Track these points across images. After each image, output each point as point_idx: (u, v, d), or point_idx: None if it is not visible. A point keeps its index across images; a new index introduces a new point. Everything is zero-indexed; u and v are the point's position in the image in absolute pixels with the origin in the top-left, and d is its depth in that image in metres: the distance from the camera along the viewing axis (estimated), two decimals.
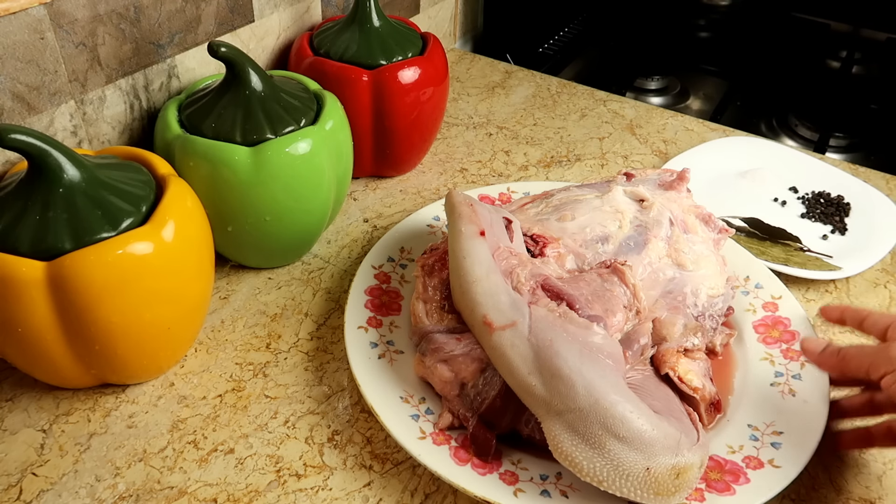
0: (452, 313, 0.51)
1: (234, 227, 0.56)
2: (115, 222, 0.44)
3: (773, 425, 0.48)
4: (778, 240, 0.68)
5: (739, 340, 0.55)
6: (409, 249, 0.62)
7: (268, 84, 0.55)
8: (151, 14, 0.58)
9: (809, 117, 1.04)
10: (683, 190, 0.59)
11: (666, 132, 0.85)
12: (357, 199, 0.72)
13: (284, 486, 0.46)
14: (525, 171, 0.78)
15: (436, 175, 0.76)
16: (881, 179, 0.78)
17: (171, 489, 0.46)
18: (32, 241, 0.43)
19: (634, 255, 0.53)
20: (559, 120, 0.87)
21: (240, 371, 0.54)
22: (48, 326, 0.43)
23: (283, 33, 0.73)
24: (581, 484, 0.45)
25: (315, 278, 0.63)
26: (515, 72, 0.97)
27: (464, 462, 0.45)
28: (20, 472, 0.46)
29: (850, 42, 1.15)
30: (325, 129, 0.56)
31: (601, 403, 0.41)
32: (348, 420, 0.50)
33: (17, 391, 0.51)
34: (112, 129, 0.59)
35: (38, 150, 0.42)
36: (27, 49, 0.50)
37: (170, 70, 0.62)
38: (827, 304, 0.53)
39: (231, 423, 0.50)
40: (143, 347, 0.48)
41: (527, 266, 0.50)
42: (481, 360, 0.47)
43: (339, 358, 0.55)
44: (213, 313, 0.58)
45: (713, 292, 0.53)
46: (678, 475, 0.41)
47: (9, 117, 0.51)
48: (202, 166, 0.53)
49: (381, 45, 0.67)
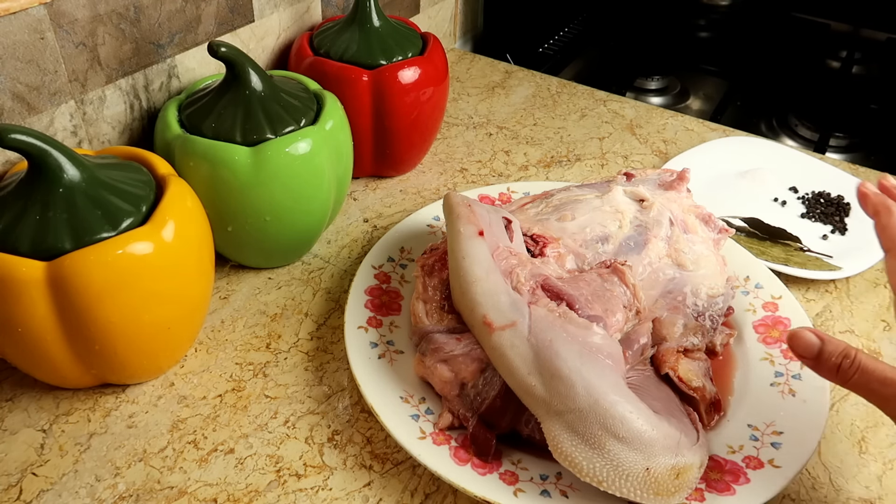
0: (452, 313, 0.51)
1: (234, 227, 0.56)
2: (115, 222, 0.44)
3: (773, 425, 0.48)
4: (778, 240, 0.68)
5: (739, 340, 0.55)
6: (409, 249, 0.62)
7: (268, 84, 0.55)
8: (151, 14, 0.58)
9: (809, 117, 1.04)
10: (683, 190, 0.59)
11: (666, 132, 0.85)
12: (357, 199, 0.72)
13: (284, 486, 0.46)
14: (525, 171, 0.78)
15: (436, 175, 0.76)
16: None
17: (171, 489, 0.46)
18: (32, 241, 0.43)
19: (634, 255, 0.53)
20: (559, 120, 0.87)
21: (240, 371, 0.54)
22: (48, 326, 0.43)
23: (283, 33, 0.73)
24: (581, 484, 0.45)
25: (315, 278, 0.63)
26: (515, 72, 0.97)
27: (464, 462, 0.45)
28: (20, 472, 0.46)
29: (850, 42, 1.15)
30: (325, 129, 0.56)
31: (601, 404, 0.41)
32: (348, 420, 0.50)
33: (17, 391, 0.51)
34: (112, 129, 0.59)
35: (38, 150, 0.42)
36: (27, 49, 0.50)
37: (170, 70, 0.62)
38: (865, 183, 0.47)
39: (231, 423, 0.50)
40: (142, 347, 0.48)
41: (526, 266, 0.50)
42: (481, 360, 0.47)
43: (339, 358, 0.55)
44: (213, 313, 0.58)
45: (713, 292, 0.54)
46: (678, 475, 0.41)
47: (9, 117, 0.51)
48: (202, 166, 0.53)
49: (381, 45, 0.67)
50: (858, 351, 0.38)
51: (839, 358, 0.38)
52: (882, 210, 0.45)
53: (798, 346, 0.39)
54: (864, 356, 0.38)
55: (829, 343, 0.38)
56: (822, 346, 0.38)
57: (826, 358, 0.38)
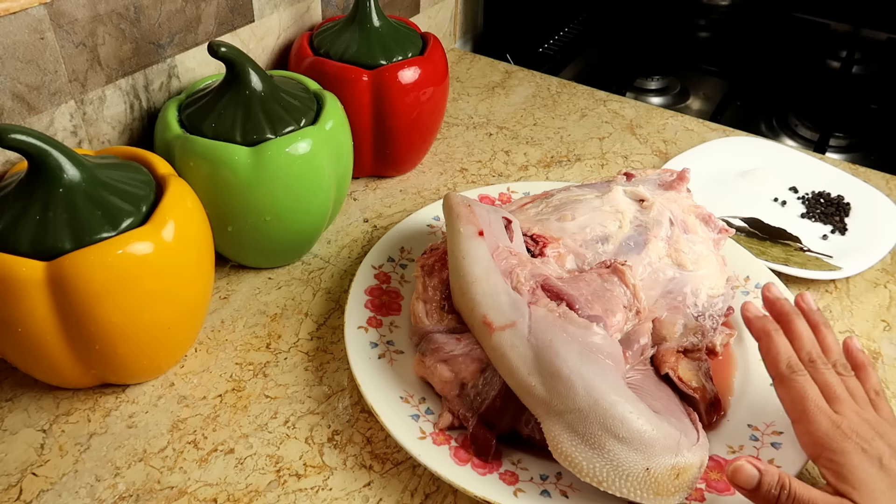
0: (452, 313, 0.51)
1: (234, 227, 0.56)
2: (115, 222, 0.44)
3: (773, 425, 0.48)
4: (778, 240, 0.68)
5: (739, 340, 0.55)
6: (409, 249, 0.62)
7: (268, 84, 0.55)
8: (151, 14, 0.58)
9: (809, 117, 1.04)
10: (683, 190, 0.59)
11: (666, 132, 0.85)
12: (357, 199, 0.72)
13: (284, 486, 0.46)
14: (525, 171, 0.78)
15: (436, 175, 0.76)
16: (881, 179, 0.78)
17: (171, 489, 0.46)
18: (32, 241, 0.43)
19: (634, 255, 0.53)
20: (559, 120, 0.87)
21: (240, 371, 0.54)
22: (48, 326, 0.43)
23: (283, 33, 0.73)
24: (581, 484, 0.45)
25: (315, 278, 0.63)
26: (515, 72, 0.97)
27: (464, 462, 0.45)
28: (20, 472, 0.46)
29: (850, 42, 1.15)
30: (325, 129, 0.56)
31: (601, 404, 0.41)
32: (348, 420, 0.50)
33: (17, 391, 0.51)
34: (112, 129, 0.59)
35: (38, 150, 0.42)
36: (27, 49, 0.50)
37: (170, 70, 0.62)
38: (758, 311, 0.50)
39: (231, 423, 0.50)
40: (142, 347, 0.48)
41: (526, 266, 0.50)
42: (481, 360, 0.47)
43: (339, 358, 0.55)
44: (213, 313, 0.58)
45: (713, 292, 0.53)
46: (678, 475, 0.41)
47: (9, 117, 0.51)
48: (202, 166, 0.53)
49: (381, 45, 0.67)
50: (792, 480, 0.40)
51: (777, 489, 0.39)
52: (763, 335, 0.47)
53: (739, 479, 0.40)
54: (798, 484, 0.40)
55: (767, 474, 0.40)
56: (761, 477, 0.40)
57: (766, 490, 0.40)
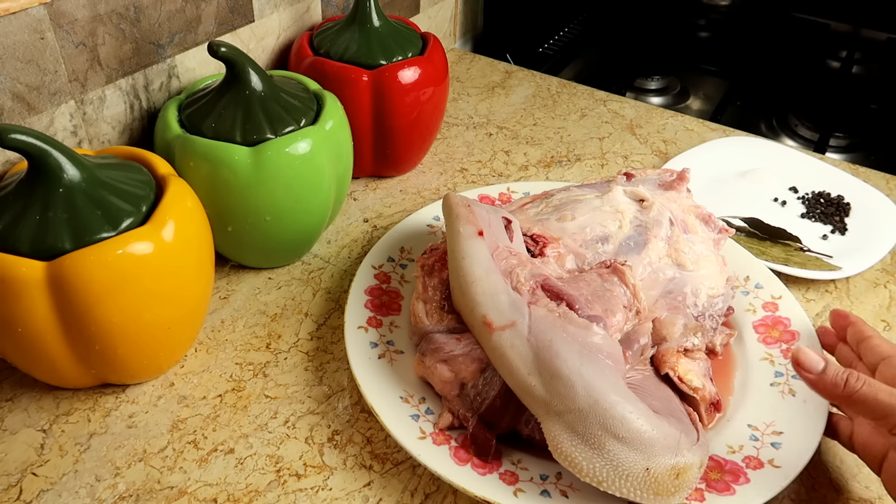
0: (452, 313, 0.51)
1: (234, 227, 0.56)
2: (115, 222, 0.44)
3: (773, 425, 0.48)
4: (778, 240, 0.68)
5: (739, 340, 0.55)
6: (409, 249, 0.62)
7: (268, 84, 0.55)
8: (151, 14, 0.58)
9: (809, 117, 1.04)
10: (683, 190, 0.59)
11: (666, 132, 0.85)
12: (357, 199, 0.72)
13: (284, 486, 0.46)
14: (525, 171, 0.78)
15: (436, 175, 0.76)
16: (881, 179, 0.78)
17: (171, 489, 0.46)
18: (32, 241, 0.43)
19: (634, 255, 0.53)
20: (559, 120, 0.87)
21: (240, 371, 0.54)
22: (48, 326, 0.43)
23: (283, 33, 0.73)
24: (581, 484, 0.45)
25: (315, 278, 0.63)
26: (515, 72, 0.97)
27: (464, 462, 0.45)
28: (20, 472, 0.46)
29: (850, 42, 1.15)
30: (325, 129, 0.56)
31: (601, 404, 0.41)
32: (348, 420, 0.50)
33: (17, 391, 0.51)
34: (112, 129, 0.59)
35: (38, 150, 0.42)
36: (27, 49, 0.50)
37: (170, 70, 0.62)
38: (837, 309, 0.52)
39: (231, 423, 0.50)
40: (142, 347, 0.48)
41: (526, 266, 0.50)
42: (481, 360, 0.47)
43: (339, 358, 0.55)
44: (213, 313, 0.58)
45: (713, 292, 0.53)
46: (678, 475, 0.41)
47: (9, 117, 0.51)
48: (202, 166, 0.53)
49: (381, 45, 0.67)
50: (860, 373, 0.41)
51: (844, 375, 0.40)
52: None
53: (804, 363, 0.41)
54: (867, 378, 0.40)
55: (832, 364, 0.41)
56: (826, 365, 0.41)
57: (832, 376, 0.40)
